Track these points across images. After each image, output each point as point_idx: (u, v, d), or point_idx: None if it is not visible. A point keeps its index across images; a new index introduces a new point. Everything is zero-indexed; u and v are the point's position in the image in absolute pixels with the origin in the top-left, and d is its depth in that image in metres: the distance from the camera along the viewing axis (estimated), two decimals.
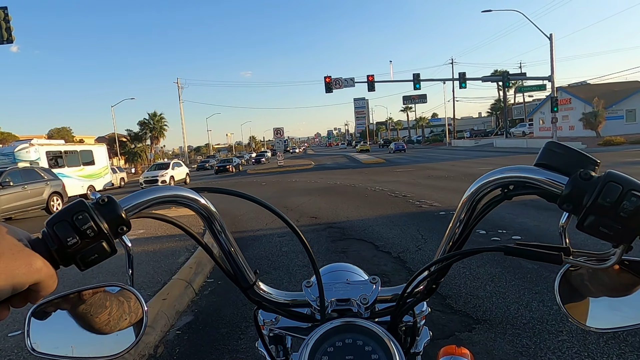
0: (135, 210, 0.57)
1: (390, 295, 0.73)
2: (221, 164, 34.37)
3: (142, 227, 7.78)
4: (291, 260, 5.14)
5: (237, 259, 0.68)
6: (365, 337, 0.58)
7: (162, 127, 58.40)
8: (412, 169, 18.31)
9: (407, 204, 8.80)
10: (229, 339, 3.15)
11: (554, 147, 0.54)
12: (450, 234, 0.65)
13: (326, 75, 25.37)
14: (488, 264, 4.34)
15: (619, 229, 0.46)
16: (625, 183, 0.46)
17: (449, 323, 3.11)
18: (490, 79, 36.42)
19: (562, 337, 2.76)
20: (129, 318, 0.57)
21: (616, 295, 0.56)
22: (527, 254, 0.54)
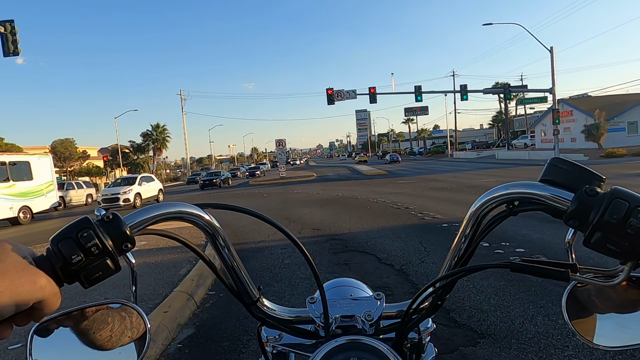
0: (139, 227, 0.57)
1: (395, 312, 0.72)
2: (207, 179, 31.18)
3: (144, 240, 7.77)
4: (293, 272, 5.11)
5: (241, 274, 0.68)
6: (370, 355, 0.58)
7: (164, 139, 58.67)
8: (414, 181, 18.30)
9: (409, 215, 8.77)
10: (231, 352, 3.12)
11: (559, 163, 0.53)
12: (456, 249, 0.65)
13: (328, 87, 25.55)
14: (492, 277, 4.30)
15: (626, 246, 0.46)
16: (631, 200, 0.45)
17: (453, 337, 3.07)
18: (491, 91, 36.54)
19: (569, 353, 2.72)
20: (132, 335, 0.56)
21: (624, 312, 0.55)
22: (534, 270, 0.53)
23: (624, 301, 0.55)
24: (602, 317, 0.56)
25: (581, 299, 0.57)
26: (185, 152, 51.07)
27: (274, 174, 37.12)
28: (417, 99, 26.71)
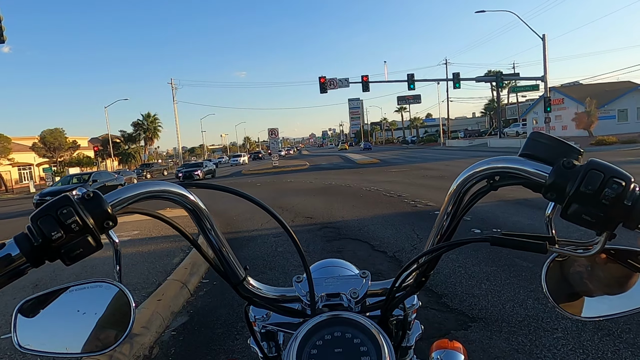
0: (121, 205, 0.56)
1: (381, 289, 0.73)
2: (186, 171, 27.70)
3: (136, 229, 7.74)
4: (287, 260, 5.13)
5: (227, 255, 0.68)
6: (354, 330, 0.58)
7: (156, 128, 58.17)
8: (407, 169, 18.36)
9: (402, 203, 8.82)
10: (225, 339, 3.13)
11: (538, 138, 0.54)
12: (438, 226, 0.66)
13: (321, 76, 25.40)
14: (483, 262, 4.35)
15: (601, 217, 0.46)
16: (606, 171, 0.46)
17: (445, 321, 3.11)
18: (484, 79, 36.64)
19: (558, 335, 2.77)
20: (116, 314, 0.56)
21: (603, 285, 0.57)
22: (512, 243, 0.54)
23: (602, 274, 0.56)
24: (582, 290, 0.58)
25: (561, 273, 0.59)
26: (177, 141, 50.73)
27: (267, 163, 37.01)
28: (410, 87, 26.68)
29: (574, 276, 0.59)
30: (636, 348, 2.53)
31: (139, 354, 2.90)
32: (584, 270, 0.58)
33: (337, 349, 0.56)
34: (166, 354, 3.00)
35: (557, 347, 2.63)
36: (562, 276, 0.59)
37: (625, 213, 0.46)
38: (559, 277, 0.59)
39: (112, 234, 0.55)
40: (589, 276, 0.58)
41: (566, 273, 0.59)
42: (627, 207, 0.45)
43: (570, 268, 0.59)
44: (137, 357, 2.86)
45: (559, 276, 0.59)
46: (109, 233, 0.54)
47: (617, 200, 0.45)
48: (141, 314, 3.34)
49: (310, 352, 0.56)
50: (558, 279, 0.59)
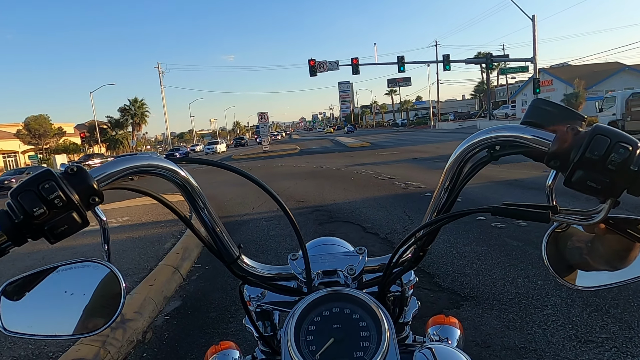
0: (107, 180, 0.53)
1: (378, 265, 0.72)
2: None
3: (126, 215, 7.67)
4: (279, 243, 5.13)
5: (220, 233, 0.66)
6: (353, 305, 0.57)
7: (143, 114, 57.26)
8: (398, 152, 18.39)
9: (393, 185, 8.84)
10: (219, 322, 3.14)
11: (541, 104, 0.52)
12: (436, 201, 0.64)
13: (310, 59, 25.11)
14: (474, 242, 4.40)
15: (606, 183, 0.45)
16: (613, 135, 0.45)
17: (438, 300, 3.15)
18: (473, 61, 36.55)
19: (547, 311, 2.82)
20: (106, 294, 0.54)
21: (602, 255, 0.56)
22: (514, 213, 0.53)
23: (601, 244, 0.56)
24: (581, 260, 0.58)
25: (561, 244, 0.58)
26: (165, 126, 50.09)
27: (257, 148, 36.74)
28: (400, 70, 26.51)
29: (573, 247, 0.58)
30: (623, 322, 2.58)
31: (132, 338, 2.90)
32: (584, 240, 0.58)
33: (335, 325, 0.55)
34: (160, 339, 2.99)
35: (547, 323, 2.67)
36: (562, 247, 0.59)
37: (631, 178, 0.44)
38: (558, 248, 0.58)
39: (99, 211, 0.52)
40: (589, 247, 0.57)
41: (566, 244, 0.59)
42: (633, 172, 0.44)
43: (570, 239, 0.59)
44: (130, 342, 2.86)
45: (558, 247, 0.58)
46: (95, 210, 0.52)
47: (623, 165, 0.44)
48: (133, 300, 3.33)
49: (308, 328, 0.55)
50: (558, 250, 0.58)
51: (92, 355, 2.51)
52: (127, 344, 2.81)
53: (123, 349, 2.75)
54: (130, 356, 2.77)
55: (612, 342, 2.40)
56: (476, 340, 2.55)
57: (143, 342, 2.95)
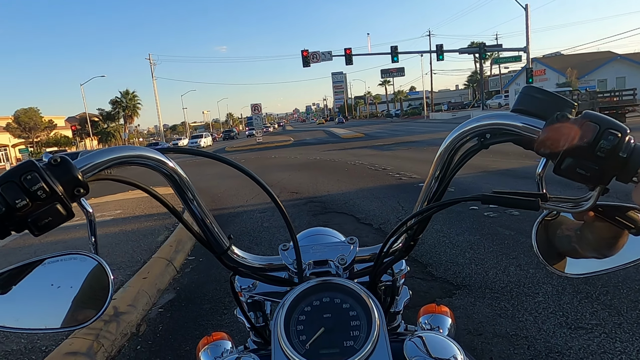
0: (92, 171, 0.52)
1: (369, 255, 0.72)
2: None
3: (119, 208, 7.63)
4: (273, 235, 5.13)
5: (210, 225, 0.65)
6: (343, 295, 0.57)
7: (135, 106, 56.75)
8: (391, 142, 18.40)
9: (386, 176, 8.86)
10: (213, 314, 3.14)
11: (531, 92, 0.52)
12: (427, 190, 0.64)
13: (303, 49, 24.96)
14: (467, 232, 4.43)
15: (596, 170, 0.45)
16: (602, 122, 0.44)
17: (431, 290, 3.17)
18: (467, 51, 36.40)
19: (539, 299, 2.85)
20: (94, 286, 0.53)
21: (591, 243, 0.57)
22: (504, 201, 0.53)
23: (590, 231, 0.56)
24: (571, 248, 0.58)
25: (551, 232, 0.59)
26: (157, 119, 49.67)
27: (250, 140, 36.57)
28: (394, 60, 26.44)
29: (563, 235, 0.59)
30: (612, 309, 2.62)
31: (126, 331, 2.89)
32: (573, 228, 0.58)
33: (326, 314, 0.55)
34: (154, 331, 3.00)
35: (538, 310, 2.71)
36: (552, 235, 0.59)
37: (620, 165, 0.44)
38: (548, 236, 0.59)
39: (85, 203, 0.52)
40: (578, 235, 0.58)
41: (555, 232, 0.59)
42: (622, 159, 0.44)
43: (559, 227, 0.59)
44: (124, 335, 2.85)
45: (548, 235, 0.59)
46: (80, 201, 0.51)
47: (612, 152, 0.44)
48: (127, 293, 3.32)
49: (299, 318, 0.55)
50: (548, 238, 0.59)
51: (86, 349, 2.51)
52: (120, 336, 2.81)
53: (117, 341, 2.75)
54: (125, 349, 2.77)
55: (601, 328, 2.44)
56: (468, 328, 2.58)
57: (137, 334, 2.95)
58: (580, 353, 2.23)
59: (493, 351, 2.33)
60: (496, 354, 2.30)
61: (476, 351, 2.34)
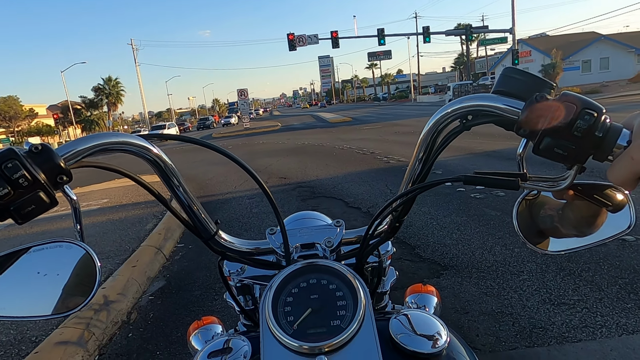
0: (75, 158, 0.52)
1: (355, 237, 0.73)
2: None
3: (105, 197, 7.54)
4: (262, 221, 5.14)
5: (197, 210, 0.66)
6: (330, 277, 0.58)
7: (118, 93, 55.59)
8: (379, 126, 18.41)
9: (374, 160, 8.89)
10: (204, 300, 3.16)
11: (511, 73, 0.53)
12: (411, 172, 0.65)
13: (289, 33, 24.63)
14: (454, 213, 4.49)
15: (572, 149, 0.46)
16: (579, 102, 0.45)
17: (418, 271, 3.23)
18: (453, 33, 36.27)
19: (523, 277, 2.92)
20: (81, 274, 0.53)
21: (571, 221, 0.58)
22: (485, 181, 0.55)
23: (570, 210, 0.58)
24: (551, 226, 0.60)
25: (531, 211, 0.60)
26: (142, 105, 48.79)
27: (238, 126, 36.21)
28: (380, 43, 26.28)
29: (545, 215, 0.60)
30: (594, 285, 2.70)
31: (117, 320, 2.90)
32: (554, 208, 0.59)
33: (313, 296, 0.56)
34: (145, 319, 3.00)
35: (523, 288, 2.78)
36: (532, 214, 0.60)
37: (596, 144, 0.45)
38: (529, 215, 0.60)
39: (69, 190, 0.51)
40: (559, 214, 0.59)
41: (537, 212, 0.60)
42: (598, 138, 0.45)
43: (541, 207, 0.60)
44: (115, 323, 2.86)
45: (529, 214, 0.60)
46: (64, 189, 0.51)
47: (588, 131, 0.45)
48: (116, 281, 3.31)
49: (286, 300, 0.56)
50: (528, 217, 0.60)
51: (76, 338, 2.51)
52: (111, 325, 2.81)
53: (108, 330, 2.75)
54: (116, 337, 2.78)
55: (583, 303, 2.52)
56: (455, 307, 2.64)
57: (128, 322, 2.96)
58: (563, 328, 2.31)
59: (479, 328, 2.39)
60: (482, 331, 2.36)
61: (463, 329, 2.40)
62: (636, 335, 2.18)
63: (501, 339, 2.27)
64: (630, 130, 0.45)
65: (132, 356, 2.54)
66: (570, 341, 2.19)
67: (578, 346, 2.14)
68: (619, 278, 2.75)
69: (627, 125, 0.46)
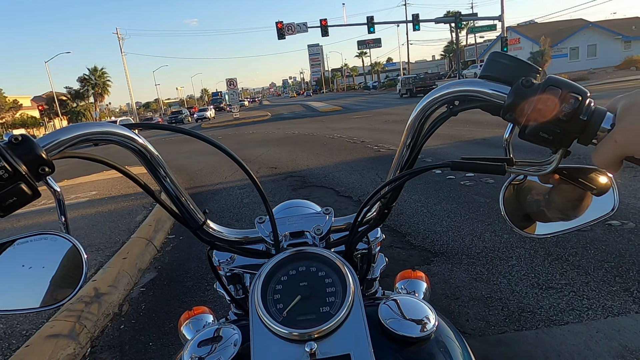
0: (57, 149, 0.50)
1: (344, 225, 0.73)
2: None
3: (94, 189, 7.46)
4: (253, 211, 5.13)
5: (184, 200, 0.65)
6: (319, 264, 0.58)
7: (105, 83, 54.63)
8: (369, 115, 18.38)
9: (365, 149, 8.89)
10: (196, 291, 3.16)
11: (498, 58, 0.53)
12: (399, 159, 0.65)
13: (278, 21, 24.36)
14: (444, 201, 4.52)
15: (557, 133, 0.46)
16: (564, 86, 0.45)
17: (410, 258, 3.26)
18: (442, 20, 36.21)
19: (512, 262, 2.97)
20: (67, 266, 0.52)
21: (557, 205, 0.59)
22: (472, 167, 0.55)
23: (555, 193, 0.58)
24: (537, 210, 0.60)
25: (518, 196, 0.61)
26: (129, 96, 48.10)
27: (227, 115, 35.90)
28: (370, 31, 26.14)
29: (532, 200, 0.61)
30: (580, 269, 2.75)
31: (109, 312, 2.89)
32: (541, 193, 0.60)
33: (302, 283, 0.56)
34: (137, 310, 3.00)
35: (512, 273, 2.82)
36: (519, 199, 0.61)
37: (580, 128, 0.46)
38: (516, 200, 0.61)
39: (52, 182, 0.50)
40: (545, 199, 0.60)
41: (524, 197, 0.61)
42: (582, 121, 0.45)
43: (526, 191, 0.61)
44: (106, 315, 2.85)
45: (516, 199, 0.61)
46: (46, 180, 0.50)
47: (573, 115, 0.45)
48: (107, 274, 3.29)
49: (275, 287, 0.56)
50: (515, 202, 0.61)
51: (68, 331, 2.49)
52: (103, 317, 2.80)
53: (99, 322, 2.74)
54: (108, 329, 2.77)
55: (570, 287, 2.57)
56: (446, 293, 2.67)
57: (120, 314, 2.95)
58: (550, 311, 2.35)
59: (469, 313, 2.43)
60: (472, 316, 2.40)
61: (453, 314, 2.44)
62: (621, 317, 2.23)
63: (491, 324, 2.31)
64: (614, 113, 0.45)
65: (125, 348, 2.54)
66: (557, 324, 2.23)
67: (565, 329, 2.19)
68: (605, 262, 2.80)
69: (611, 108, 0.46)
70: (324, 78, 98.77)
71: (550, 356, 2.01)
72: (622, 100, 0.45)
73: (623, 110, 0.44)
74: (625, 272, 2.65)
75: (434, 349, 0.55)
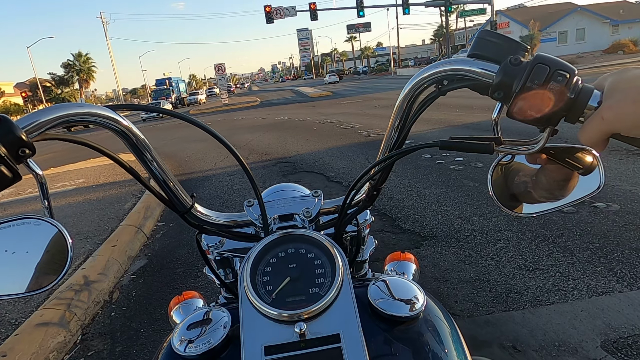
0: (38, 130, 0.49)
1: (333, 207, 0.73)
2: None
3: (81, 177, 7.37)
4: (244, 197, 5.11)
5: (171, 184, 0.64)
6: (308, 245, 0.58)
7: (90, 69, 53.51)
8: (359, 100, 18.32)
9: (355, 134, 8.88)
10: (186, 277, 3.16)
11: (486, 36, 0.52)
12: (388, 140, 0.65)
13: (266, 5, 23.95)
14: (434, 185, 4.55)
15: (545, 111, 0.46)
16: (552, 64, 0.45)
17: (399, 242, 3.29)
18: (432, 4, 35.93)
19: (500, 245, 3.01)
20: (52, 250, 0.51)
21: (544, 186, 0.59)
22: (460, 146, 0.55)
23: (542, 173, 0.59)
24: (524, 190, 0.61)
25: (509, 178, 0.61)
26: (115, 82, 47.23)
27: (216, 102, 35.51)
28: (360, 15, 25.89)
29: (519, 181, 0.61)
30: (567, 250, 2.81)
31: (99, 299, 2.88)
32: (528, 174, 0.60)
33: (291, 265, 0.56)
34: (127, 297, 2.99)
35: (500, 255, 2.87)
36: (507, 180, 0.61)
37: (567, 106, 0.45)
38: (504, 180, 0.61)
39: (33, 164, 0.49)
40: (533, 180, 0.60)
41: (510, 177, 0.61)
42: (570, 99, 0.45)
43: (514, 172, 0.61)
44: (97, 303, 2.84)
45: (504, 180, 0.61)
46: (27, 163, 0.48)
47: (562, 92, 0.45)
48: (96, 262, 3.27)
49: (264, 270, 0.56)
50: (503, 183, 0.61)
51: (58, 319, 2.48)
52: (93, 305, 2.79)
53: (90, 310, 2.73)
54: (98, 316, 2.76)
55: (556, 268, 2.62)
56: (435, 276, 2.71)
57: (110, 302, 2.94)
58: (537, 292, 2.40)
59: (458, 295, 2.47)
60: (460, 298, 2.44)
61: (442, 296, 2.47)
62: (605, 296, 2.28)
63: (479, 305, 2.35)
64: (601, 91, 0.45)
65: (116, 335, 2.54)
66: (543, 304, 2.28)
67: (551, 308, 2.24)
68: (590, 243, 2.86)
69: (598, 86, 0.46)
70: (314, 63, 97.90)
71: (537, 335, 2.05)
72: (609, 78, 0.45)
73: (610, 87, 0.44)
74: (610, 252, 2.71)
75: (422, 328, 0.55)
